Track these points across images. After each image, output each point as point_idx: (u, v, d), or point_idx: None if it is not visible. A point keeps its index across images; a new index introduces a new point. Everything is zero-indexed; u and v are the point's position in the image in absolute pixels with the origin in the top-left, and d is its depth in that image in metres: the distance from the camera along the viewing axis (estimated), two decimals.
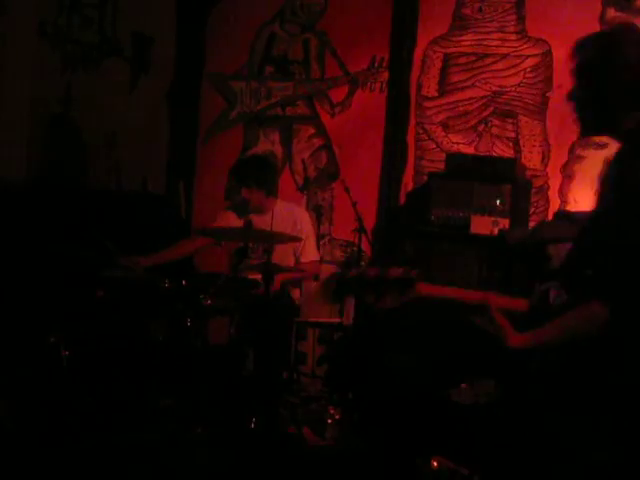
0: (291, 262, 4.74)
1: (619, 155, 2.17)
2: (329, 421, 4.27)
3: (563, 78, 4.83)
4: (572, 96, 2.29)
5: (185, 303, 3.87)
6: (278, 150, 5.68)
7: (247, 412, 3.92)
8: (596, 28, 4.73)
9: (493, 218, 4.57)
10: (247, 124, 5.78)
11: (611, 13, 4.76)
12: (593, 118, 2.24)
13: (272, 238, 4.27)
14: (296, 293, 4.87)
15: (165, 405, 3.78)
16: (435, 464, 3.78)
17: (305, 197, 5.59)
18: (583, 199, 4.76)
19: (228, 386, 4.08)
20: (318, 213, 5.53)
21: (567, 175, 4.86)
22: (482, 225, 4.59)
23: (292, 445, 3.98)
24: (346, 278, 2.40)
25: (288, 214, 4.78)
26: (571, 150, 4.85)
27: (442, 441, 4.00)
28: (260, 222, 4.52)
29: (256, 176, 4.71)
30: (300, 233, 4.67)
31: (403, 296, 2.32)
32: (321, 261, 5.19)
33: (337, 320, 5.15)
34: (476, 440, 3.93)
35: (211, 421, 3.78)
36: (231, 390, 4.08)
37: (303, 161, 5.58)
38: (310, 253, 4.86)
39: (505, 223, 4.56)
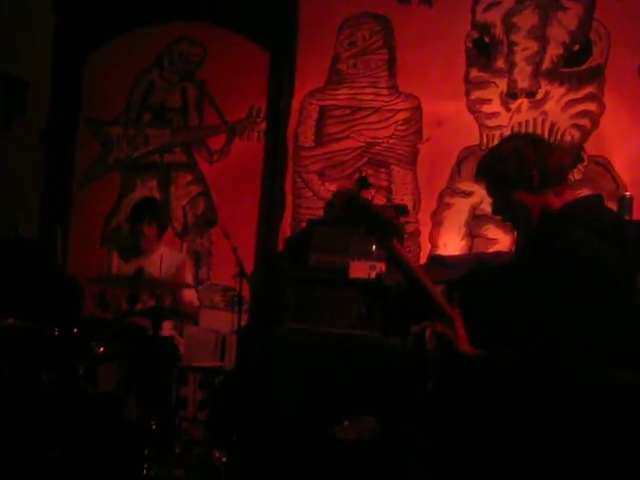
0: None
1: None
2: (216, 464, 4.31)
3: (432, 131, 5.20)
4: (497, 209, 2.60)
5: (76, 351, 3.82)
6: (156, 196, 5.71)
7: (138, 459, 3.89)
8: (461, 86, 5.14)
9: (370, 262, 4.79)
10: (124, 170, 5.79)
11: (474, 72, 5.16)
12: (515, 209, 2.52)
13: (163, 286, 4.31)
14: (181, 340, 4.90)
15: (54, 456, 3.70)
16: None
17: (183, 243, 5.63)
18: (452, 243, 5.09)
19: (114, 433, 4.04)
20: (197, 259, 5.59)
21: (437, 221, 5.18)
22: (360, 269, 4.79)
23: None
24: (358, 199, 2.44)
25: (171, 259, 4.82)
26: (440, 197, 5.18)
27: (328, 477, 4.13)
28: (148, 264, 4.54)
29: (156, 213, 4.81)
30: (182, 279, 4.72)
31: (384, 241, 2.41)
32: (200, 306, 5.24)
33: (218, 364, 5.21)
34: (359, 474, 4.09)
35: (104, 470, 3.73)
36: (117, 437, 4.05)
37: (183, 208, 5.63)
38: (190, 296, 4.90)
39: (382, 267, 4.78)
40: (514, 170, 2.46)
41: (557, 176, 2.46)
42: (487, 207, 5.07)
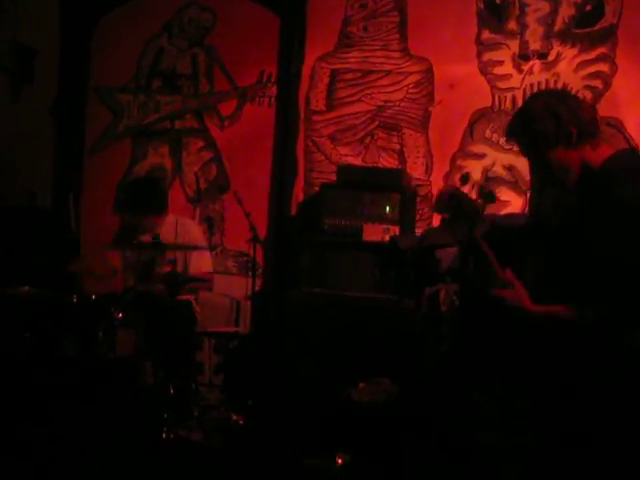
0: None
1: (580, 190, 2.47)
2: (234, 427, 4.37)
3: (443, 94, 5.19)
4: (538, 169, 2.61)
5: (96, 317, 3.86)
6: (167, 163, 5.72)
7: (157, 423, 3.95)
8: (473, 47, 5.11)
9: (384, 225, 4.81)
10: (135, 137, 5.79)
11: (486, 34, 5.13)
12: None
13: (179, 249, 4.33)
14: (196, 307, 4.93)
15: (69, 415, 3.75)
16: (339, 461, 3.95)
17: (196, 209, 5.65)
18: None
19: (133, 397, 4.10)
20: (210, 224, 5.59)
21: (449, 184, 5.18)
22: (374, 232, 4.81)
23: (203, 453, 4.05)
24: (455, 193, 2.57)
25: (172, 227, 4.82)
26: (452, 161, 5.18)
27: (345, 439, 4.18)
28: (150, 238, 4.54)
29: (149, 203, 4.70)
30: (185, 241, 4.72)
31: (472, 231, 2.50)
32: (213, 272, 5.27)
33: (233, 329, 5.26)
34: (376, 436, 4.14)
35: (123, 432, 3.79)
36: (136, 401, 4.10)
37: (195, 174, 5.64)
38: (203, 263, 4.92)
39: (395, 230, 4.81)
40: (551, 129, 2.44)
41: (592, 129, 2.46)
42: (499, 169, 5.10)
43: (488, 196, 4.32)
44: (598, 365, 2.33)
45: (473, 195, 2.73)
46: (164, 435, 3.93)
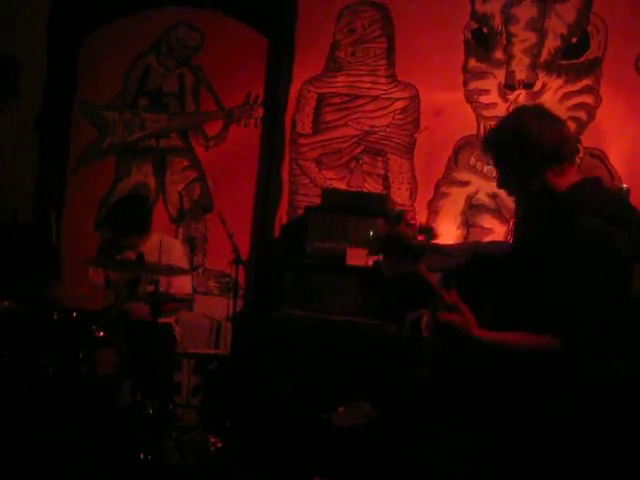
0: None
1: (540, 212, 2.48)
2: (212, 449, 4.32)
3: (429, 120, 5.22)
4: (501, 183, 2.62)
5: (76, 335, 3.82)
6: (151, 182, 5.70)
7: (133, 444, 3.90)
8: (459, 76, 5.16)
9: (367, 250, 4.81)
10: (119, 155, 5.77)
11: (472, 63, 5.18)
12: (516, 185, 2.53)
13: (164, 271, 4.31)
14: (177, 328, 4.90)
15: (46, 438, 3.70)
16: None
17: (179, 229, 5.63)
18: (447, 232, 5.11)
19: (110, 417, 4.05)
20: (192, 245, 5.58)
21: (433, 210, 5.20)
22: (357, 256, 4.80)
23: (180, 476, 4.00)
24: (394, 233, 2.48)
25: (156, 246, 4.79)
26: (436, 187, 5.20)
27: (324, 463, 4.15)
28: (133, 256, 4.50)
29: (132, 222, 4.65)
30: (168, 261, 4.67)
31: (413, 265, 2.46)
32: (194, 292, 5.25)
33: (213, 351, 5.23)
34: (355, 460, 4.12)
35: (99, 451, 3.74)
36: (112, 422, 4.05)
37: (179, 193, 5.62)
38: (184, 284, 4.88)
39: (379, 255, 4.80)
40: (513, 146, 2.45)
41: (558, 154, 2.44)
42: (483, 197, 5.13)
43: (426, 232, 4.32)
44: (556, 392, 2.33)
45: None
46: (141, 456, 3.88)
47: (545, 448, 2.34)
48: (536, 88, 5.07)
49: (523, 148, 2.44)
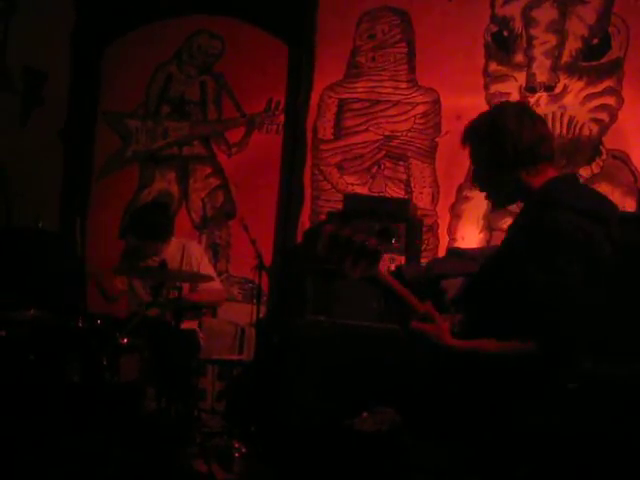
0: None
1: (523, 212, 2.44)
2: (236, 455, 4.34)
3: (450, 124, 5.21)
4: (475, 178, 2.55)
5: (100, 342, 3.86)
6: (174, 189, 5.75)
7: (158, 451, 3.93)
8: (480, 79, 5.15)
9: (390, 255, 4.81)
10: (143, 163, 5.82)
11: (493, 66, 5.17)
12: (486, 179, 2.49)
13: (187, 277, 4.34)
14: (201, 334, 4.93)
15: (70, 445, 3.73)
16: None
17: (202, 235, 5.67)
18: (470, 236, 5.11)
19: (134, 424, 4.08)
20: (215, 251, 5.62)
21: (455, 214, 5.19)
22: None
23: None
24: (342, 233, 2.32)
25: (178, 252, 4.83)
26: (459, 191, 5.19)
27: (347, 469, 4.15)
28: (154, 263, 4.55)
29: (155, 229, 4.68)
30: (190, 266, 4.72)
31: (369, 269, 2.39)
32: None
33: (236, 357, 5.25)
34: (379, 467, 4.12)
35: (122, 460, 3.77)
36: (137, 428, 4.08)
37: (202, 200, 5.66)
38: (214, 284, 4.90)
39: (401, 259, 4.80)
40: (488, 139, 2.41)
41: (534, 153, 2.40)
42: None
43: (384, 234, 4.25)
44: (533, 402, 2.28)
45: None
46: (166, 461, 3.91)
47: (521, 458, 2.29)
48: (557, 90, 5.05)
49: (497, 142, 2.39)
